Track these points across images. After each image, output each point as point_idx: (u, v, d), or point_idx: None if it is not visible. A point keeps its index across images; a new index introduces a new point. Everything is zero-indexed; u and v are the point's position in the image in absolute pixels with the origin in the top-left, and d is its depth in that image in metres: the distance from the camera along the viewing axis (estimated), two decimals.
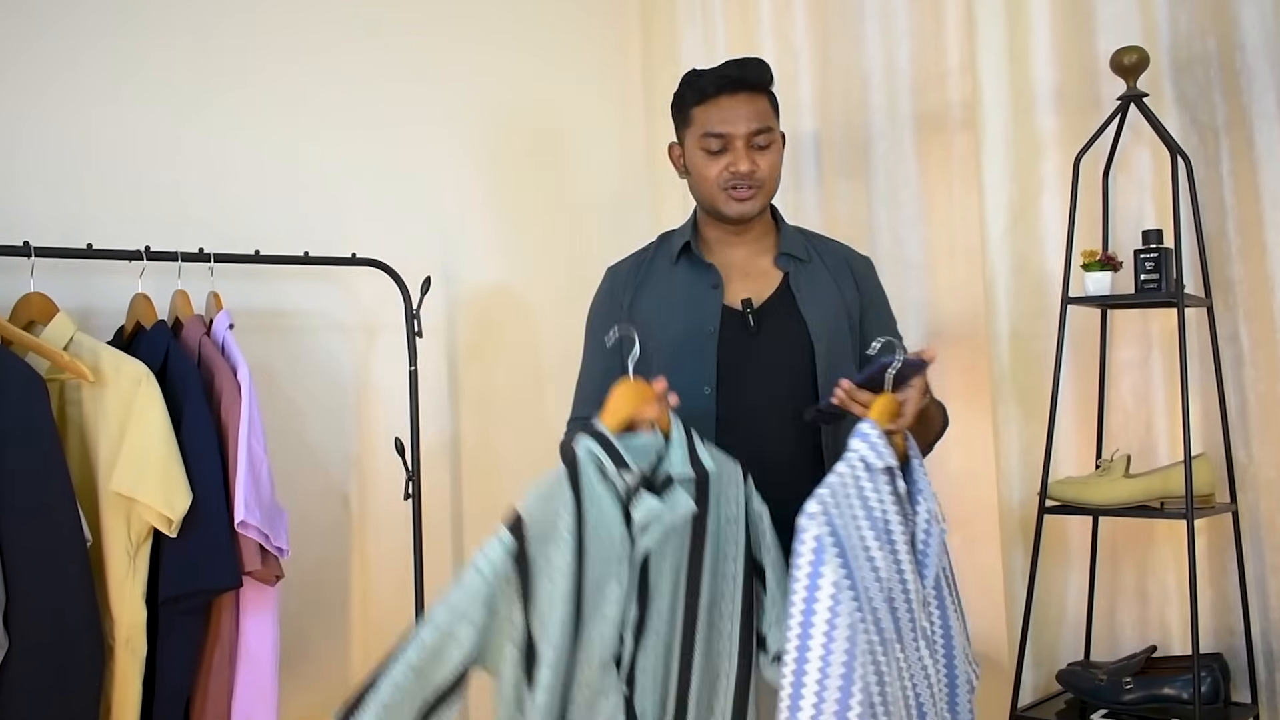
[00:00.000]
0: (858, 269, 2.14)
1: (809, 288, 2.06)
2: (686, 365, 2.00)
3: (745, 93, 2.02)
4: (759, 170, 2.02)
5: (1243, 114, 2.28)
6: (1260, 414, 2.29)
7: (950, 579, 1.89)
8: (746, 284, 2.07)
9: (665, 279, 2.11)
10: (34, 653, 1.88)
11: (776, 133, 2.06)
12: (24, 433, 1.90)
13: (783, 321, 2.03)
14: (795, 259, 2.08)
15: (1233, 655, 2.32)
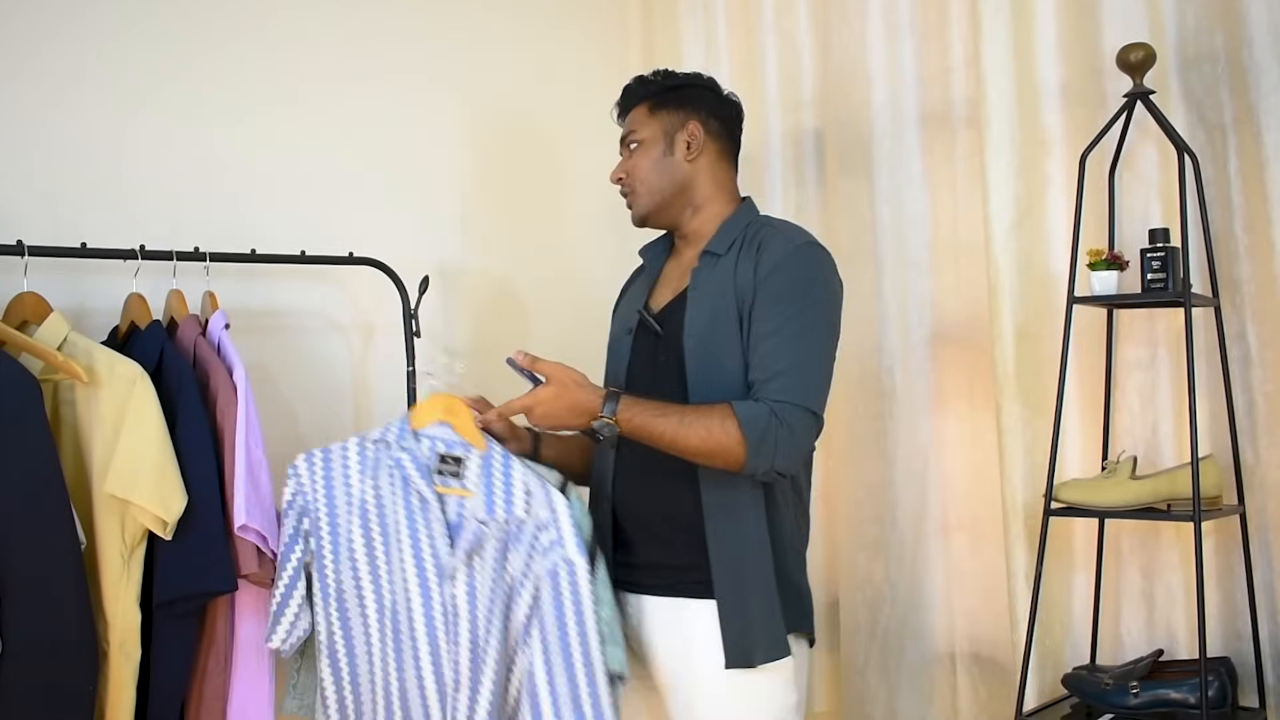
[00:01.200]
0: (760, 257, 1.96)
1: (705, 284, 2.02)
2: (612, 365, 2.16)
3: (625, 115, 2.16)
4: (626, 176, 2.12)
5: (1250, 111, 2.27)
6: (1268, 415, 2.28)
7: (572, 577, 1.91)
8: (672, 285, 2.11)
9: (633, 288, 2.23)
10: (27, 657, 1.87)
11: (644, 134, 2.10)
12: (17, 434, 1.89)
13: (676, 320, 2.04)
14: (713, 255, 2.05)
15: (1240, 659, 2.31)
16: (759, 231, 2.02)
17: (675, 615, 2.00)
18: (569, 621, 1.88)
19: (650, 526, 2.04)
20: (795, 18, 2.96)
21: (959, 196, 2.73)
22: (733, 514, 1.95)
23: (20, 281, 2.07)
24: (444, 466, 1.99)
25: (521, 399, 1.90)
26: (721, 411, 1.85)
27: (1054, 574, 2.49)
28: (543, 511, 1.92)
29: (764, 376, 1.89)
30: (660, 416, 1.87)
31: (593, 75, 3.20)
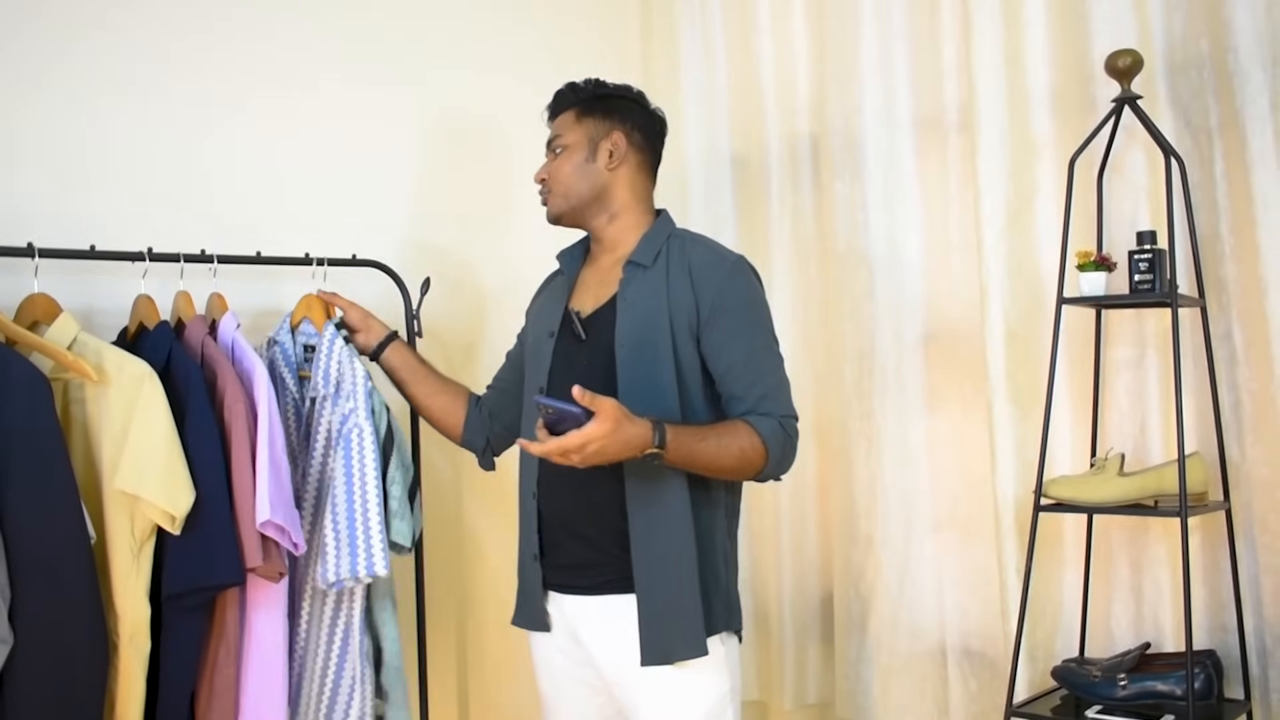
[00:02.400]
0: (697, 275, 2.02)
1: (635, 294, 2.03)
2: (532, 368, 2.15)
3: (553, 119, 2.20)
4: (547, 178, 2.15)
5: (1236, 116, 2.27)
6: (1253, 413, 2.29)
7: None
8: (596, 291, 2.12)
9: (549, 291, 2.25)
10: (38, 650, 1.87)
11: (569, 139, 2.13)
12: (28, 432, 1.89)
13: (603, 328, 2.04)
14: (638, 265, 2.06)
15: (1226, 652, 2.32)
16: (683, 245, 2.08)
17: (605, 612, 2.03)
18: (354, 475, 2.16)
19: (575, 526, 2.05)
20: (791, 24, 2.97)
21: (951, 199, 2.73)
22: (658, 514, 1.97)
23: (31, 283, 2.07)
24: (307, 355, 2.32)
25: (575, 436, 1.79)
26: (746, 430, 1.95)
27: (1044, 569, 2.50)
28: (347, 384, 2.23)
29: (758, 393, 1.99)
30: (701, 441, 1.91)
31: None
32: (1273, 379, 2.24)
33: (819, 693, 2.97)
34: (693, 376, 2.01)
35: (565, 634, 2.12)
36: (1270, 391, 2.24)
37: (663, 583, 1.97)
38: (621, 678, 2.03)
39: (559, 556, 2.09)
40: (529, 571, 2.14)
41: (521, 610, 2.19)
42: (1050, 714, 2.34)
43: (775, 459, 1.97)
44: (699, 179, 3.13)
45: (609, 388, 1.96)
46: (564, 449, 1.79)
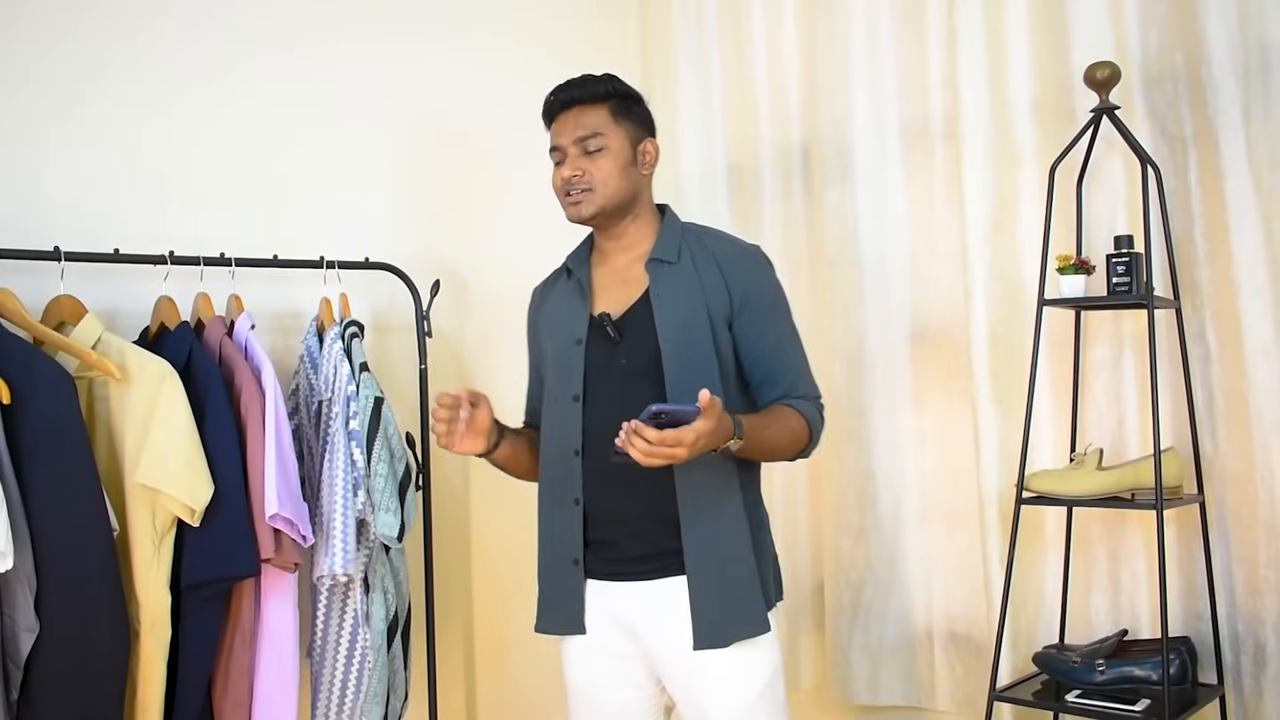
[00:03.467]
0: (727, 266, 1.99)
1: (668, 291, 1.97)
2: (561, 376, 2.02)
3: (577, 106, 2.02)
4: (584, 175, 1.99)
5: (1209, 125, 2.27)
6: (1226, 410, 2.29)
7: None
8: (620, 292, 2.03)
9: (558, 296, 2.13)
10: (64, 636, 1.88)
11: (609, 138, 2.00)
12: (54, 428, 1.90)
13: (640, 327, 1.96)
14: (662, 262, 1.99)
15: (1200, 639, 2.32)
16: (702, 239, 2.04)
17: (661, 596, 1.94)
18: (336, 477, 2.22)
19: (629, 523, 1.96)
20: (783, 38, 2.96)
21: (936, 205, 2.73)
22: (710, 498, 1.92)
23: (57, 285, 2.08)
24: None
25: (688, 431, 1.71)
26: (793, 413, 1.95)
27: (1026, 559, 2.50)
28: (337, 389, 2.26)
29: (791, 377, 1.99)
30: (766, 429, 1.90)
31: None
32: (1245, 377, 2.24)
33: (812, 677, 2.97)
34: (729, 365, 1.98)
35: (610, 628, 1.99)
36: (1242, 389, 2.24)
37: (717, 566, 1.91)
38: (675, 663, 1.95)
39: (610, 552, 1.97)
40: (565, 576, 2.01)
41: (550, 615, 2.05)
42: (1032, 698, 2.34)
43: (815, 437, 1.99)
44: (695, 186, 3.13)
45: (654, 385, 1.92)
46: (679, 439, 1.70)
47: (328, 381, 2.29)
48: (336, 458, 2.23)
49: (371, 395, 2.28)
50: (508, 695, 2.90)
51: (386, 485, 2.27)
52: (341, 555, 2.19)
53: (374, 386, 2.29)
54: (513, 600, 2.92)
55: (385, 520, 2.25)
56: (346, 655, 2.28)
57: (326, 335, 2.32)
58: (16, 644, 1.85)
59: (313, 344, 2.34)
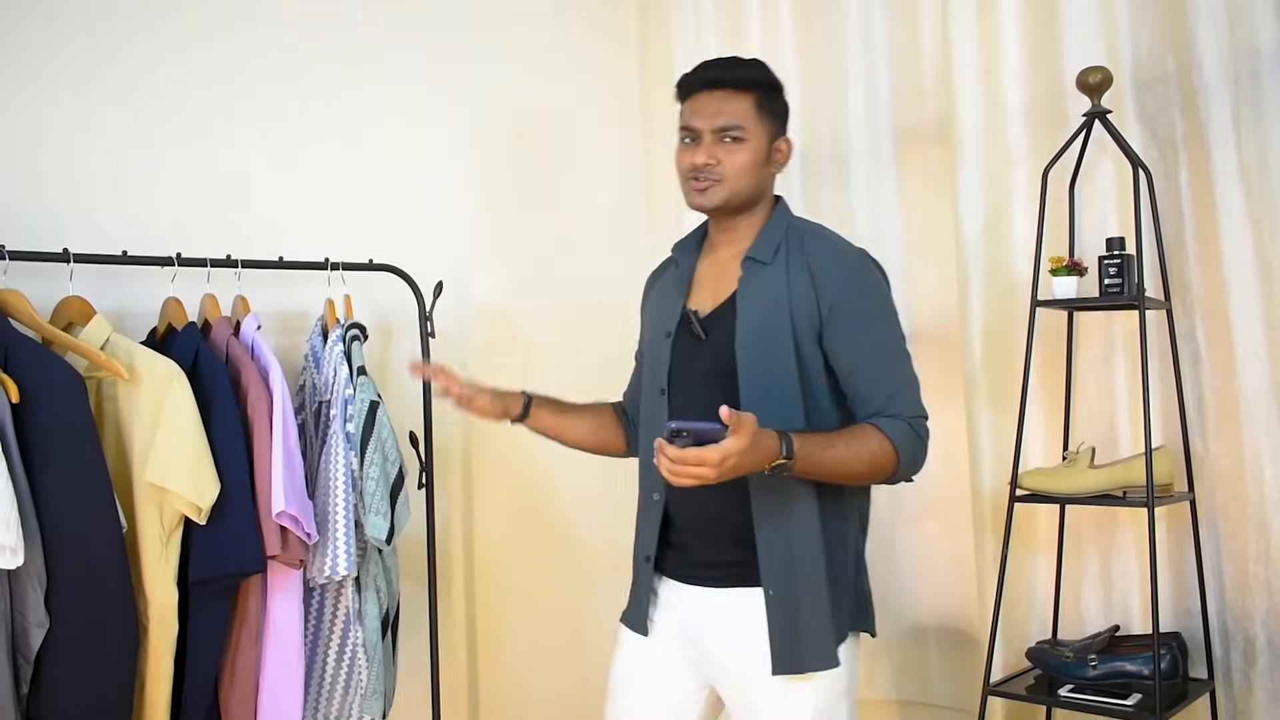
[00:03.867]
0: (818, 272, 1.84)
1: (755, 292, 1.86)
2: (651, 367, 1.97)
3: (722, 90, 1.88)
4: (718, 164, 1.86)
5: (1200, 129, 2.28)
6: (1216, 409, 2.29)
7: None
8: (715, 287, 1.94)
9: (663, 284, 2.05)
10: (73, 632, 1.88)
11: (751, 131, 1.87)
12: (64, 428, 1.90)
13: (724, 327, 1.87)
14: (756, 262, 1.88)
15: (1190, 634, 2.32)
16: (802, 239, 1.89)
17: (729, 605, 1.86)
18: (332, 479, 2.22)
19: (703, 529, 1.89)
20: (780, 42, 2.96)
21: (930, 208, 2.73)
22: (784, 522, 1.82)
23: (66, 286, 2.08)
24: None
25: (714, 451, 1.61)
26: (875, 434, 1.78)
27: (1019, 556, 2.50)
28: (336, 390, 2.27)
29: (885, 393, 1.82)
30: (829, 449, 1.74)
31: (594, 97, 3.21)
32: (1234, 377, 2.24)
33: None
34: (817, 377, 1.83)
35: (672, 628, 1.94)
36: (1232, 389, 2.25)
37: (791, 593, 1.80)
38: (733, 674, 1.88)
39: (689, 553, 1.91)
40: (642, 572, 1.96)
41: (629, 609, 2.00)
42: (1025, 692, 2.34)
43: (906, 462, 1.79)
44: None
45: (729, 389, 1.82)
46: (701, 459, 1.60)
47: (327, 383, 2.29)
48: (336, 460, 2.23)
49: (368, 399, 2.28)
50: (509, 691, 2.90)
51: (378, 489, 2.26)
52: (345, 557, 2.19)
53: (371, 390, 2.29)
54: (513, 597, 2.93)
55: (375, 523, 2.25)
56: (338, 652, 2.29)
57: (329, 337, 2.32)
58: (27, 639, 1.85)
59: (317, 344, 2.35)
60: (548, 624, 2.99)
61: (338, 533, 2.20)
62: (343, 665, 2.29)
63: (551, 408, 2.09)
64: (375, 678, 2.30)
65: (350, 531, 2.20)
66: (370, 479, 2.25)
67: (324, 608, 2.30)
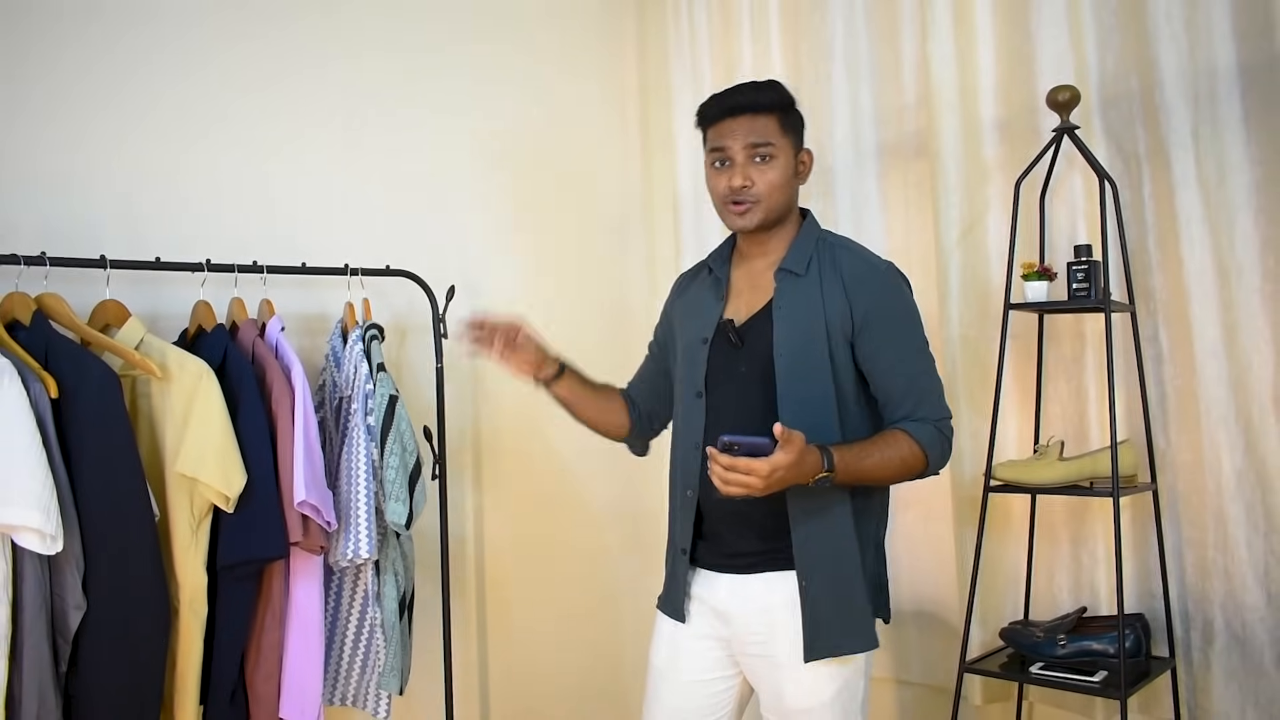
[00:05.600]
0: (851, 284, 1.85)
1: (790, 303, 1.86)
2: (687, 371, 1.95)
3: (747, 115, 1.88)
4: (754, 185, 1.86)
5: (1162, 144, 2.28)
6: (1177, 405, 2.29)
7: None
8: (749, 297, 1.93)
9: (696, 289, 2.04)
10: (109, 614, 1.89)
11: (779, 148, 1.87)
12: (101, 422, 1.90)
13: (760, 337, 1.87)
14: (790, 273, 1.88)
15: (1153, 615, 2.32)
16: (834, 252, 1.90)
17: (761, 590, 1.87)
18: (354, 469, 2.22)
19: (734, 522, 1.88)
20: (770, 62, 2.96)
21: (911, 218, 2.73)
22: (821, 522, 1.82)
23: (103, 290, 2.09)
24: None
25: (764, 463, 1.64)
26: (904, 439, 1.81)
27: (994, 542, 2.50)
28: (356, 386, 2.26)
29: (913, 399, 1.84)
30: (865, 459, 1.77)
31: (596, 109, 3.21)
32: (1194, 375, 2.24)
33: None
34: (848, 382, 1.85)
35: (706, 612, 1.94)
36: (1193, 386, 2.25)
37: (827, 586, 1.81)
38: (758, 653, 1.87)
39: (721, 544, 1.91)
40: (677, 564, 1.96)
41: (666, 597, 2.00)
42: (999, 670, 2.34)
43: (934, 462, 1.84)
44: (689, 202, 3.14)
45: (767, 396, 1.83)
46: (751, 469, 1.63)
47: (348, 380, 2.29)
48: (358, 451, 2.23)
49: (386, 393, 2.28)
50: (518, 669, 2.91)
51: (398, 477, 2.27)
52: (367, 540, 2.19)
53: (389, 385, 2.30)
54: (522, 581, 2.93)
55: (395, 509, 2.26)
56: (355, 632, 2.30)
57: (350, 337, 2.33)
58: (66, 620, 1.86)
59: (337, 344, 2.35)
60: (555, 606, 2.99)
61: (359, 518, 2.20)
62: (360, 644, 2.30)
63: (578, 380, 2.10)
64: (393, 655, 2.31)
65: (371, 517, 2.21)
66: (390, 468, 2.26)
67: (343, 590, 2.31)
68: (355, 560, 2.19)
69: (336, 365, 2.33)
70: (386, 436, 2.26)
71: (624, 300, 3.18)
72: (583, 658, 3.04)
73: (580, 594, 3.06)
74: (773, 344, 1.85)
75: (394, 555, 2.34)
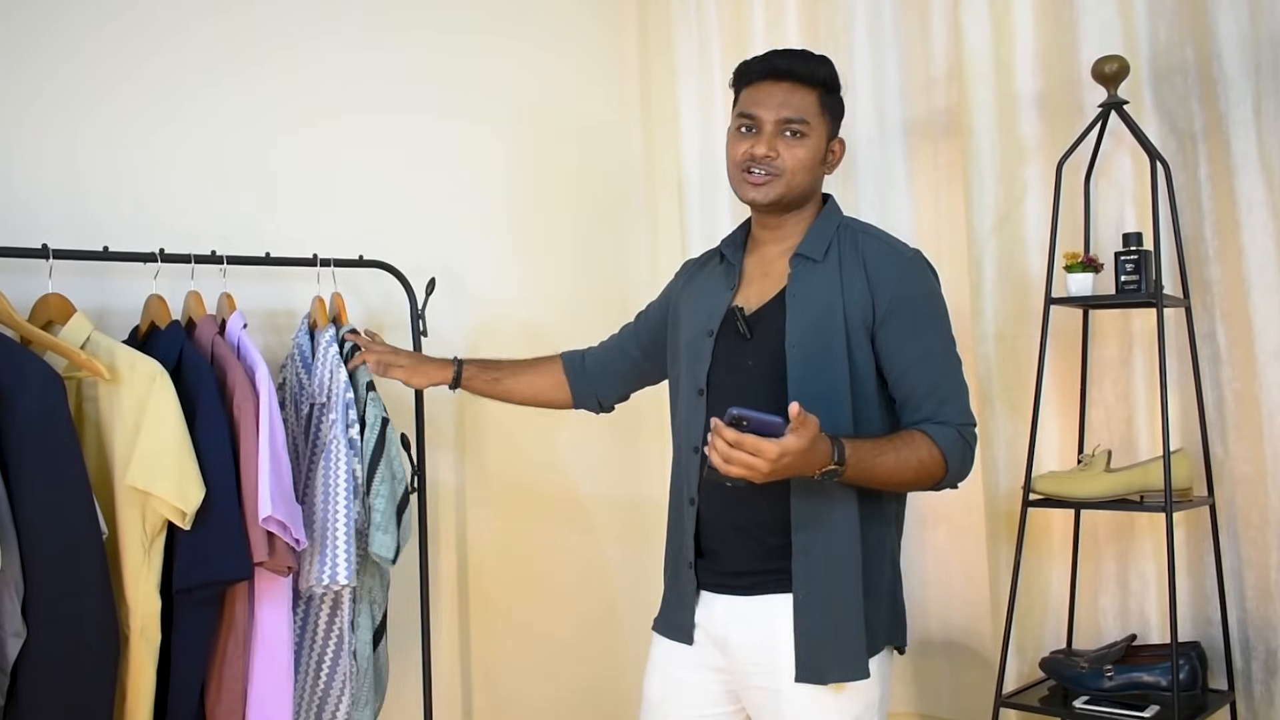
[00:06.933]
0: (874, 271, 1.84)
1: (806, 290, 1.85)
2: (689, 367, 1.94)
3: (788, 82, 1.87)
4: (779, 158, 1.86)
5: (1220, 121, 2.26)
6: (1236, 410, 2.28)
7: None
8: (761, 285, 1.92)
9: (704, 278, 2.02)
10: (51, 642, 1.86)
11: (813, 128, 1.87)
12: (42, 429, 1.87)
13: (771, 326, 1.86)
14: (807, 259, 1.88)
15: (1210, 644, 2.31)
16: (855, 238, 1.89)
17: (760, 613, 1.86)
18: (331, 486, 2.18)
19: (738, 533, 1.87)
20: (784, 32, 2.95)
21: (941, 202, 2.72)
22: (824, 528, 1.81)
23: (45, 283, 2.06)
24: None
25: (773, 445, 1.61)
26: (924, 440, 1.79)
27: (1032, 562, 2.49)
28: (335, 395, 2.23)
29: (936, 399, 1.82)
30: (879, 456, 1.75)
31: (594, 89, 3.20)
32: (1255, 377, 2.23)
33: None
34: (867, 379, 1.83)
35: (703, 638, 1.92)
36: (1253, 389, 2.24)
37: (824, 600, 1.80)
38: (761, 684, 1.86)
39: (719, 562, 1.90)
40: (681, 579, 1.95)
41: (665, 617, 1.99)
42: (1039, 704, 2.32)
43: (954, 470, 1.81)
44: (695, 183, 3.12)
45: (777, 389, 1.81)
46: (759, 449, 1.60)
47: (322, 386, 2.25)
48: (337, 465, 2.20)
49: (379, 416, 2.26)
50: (503, 705, 2.89)
51: (387, 506, 2.24)
52: (346, 565, 2.15)
53: (381, 407, 2.27)
54: (508, 608, 2.91)
55: (383, 541, 2.23)
56: (332, 663, 2.26)
57: (321, 336, 2.29)
58: (4, 650, 1.83)
59: (304, 341, 2.31)
60: (546, 630, 2.98)
61: (337, 540, 2.17)
62: (336, 676, 2.27)
63: (486, 371, 2.25)
64: (367, 687, 2.28)
65: (351, 540, 2.17)
66: (380, 496, 2.23)
67: (317, 617, 2.28)
68: (332, 587, 2.16)
69: (304, 366, 2.29)
70: (377, 463, 2.24)
71: (622, 292, 3.16)
72: (578, 688, 3.03)
73: (575, 617, 3.05)
74: (785, 334, 1.83)
75: (371, 584, 2.32)
